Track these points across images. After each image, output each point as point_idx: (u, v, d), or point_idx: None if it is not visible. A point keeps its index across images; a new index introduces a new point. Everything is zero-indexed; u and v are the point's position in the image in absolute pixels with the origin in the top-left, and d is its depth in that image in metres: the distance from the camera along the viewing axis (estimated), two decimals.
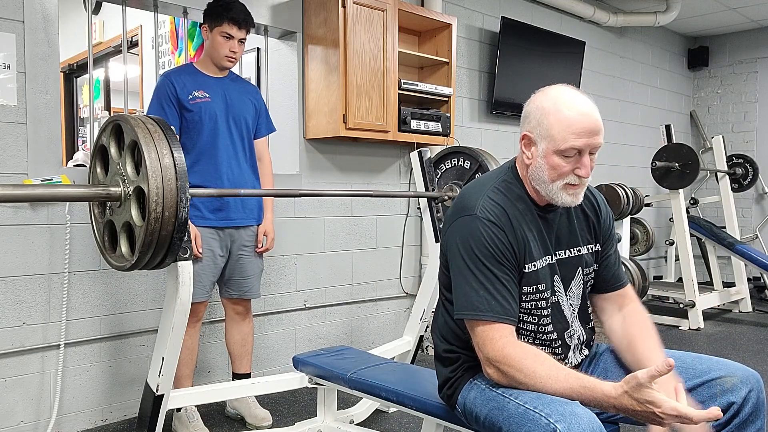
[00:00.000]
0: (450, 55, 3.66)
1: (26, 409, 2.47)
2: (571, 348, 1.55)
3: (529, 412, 1.28)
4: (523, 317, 1.48)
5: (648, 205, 4.96)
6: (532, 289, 1.47)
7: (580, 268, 1.56)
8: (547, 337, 1.51)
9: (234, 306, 2.67)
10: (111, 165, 1.65)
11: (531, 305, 1.48)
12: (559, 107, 1.40)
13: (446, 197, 2.62)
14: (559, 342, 1.52)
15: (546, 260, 1.49)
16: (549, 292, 1.49)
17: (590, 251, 1.59)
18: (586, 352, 1.60)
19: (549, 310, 1.50)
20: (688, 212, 4.86)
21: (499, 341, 1.36)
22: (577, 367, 1.56)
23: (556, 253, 1.52)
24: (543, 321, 1.50)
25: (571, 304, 1.55)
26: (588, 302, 1.60)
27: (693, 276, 4.53)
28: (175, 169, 1.52)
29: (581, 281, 1.57)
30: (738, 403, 1.36)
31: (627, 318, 1.58)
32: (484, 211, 1.43)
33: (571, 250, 1.55)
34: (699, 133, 6.46)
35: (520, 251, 1.44)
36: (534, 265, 1.46)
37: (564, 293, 1.53)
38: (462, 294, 1.41)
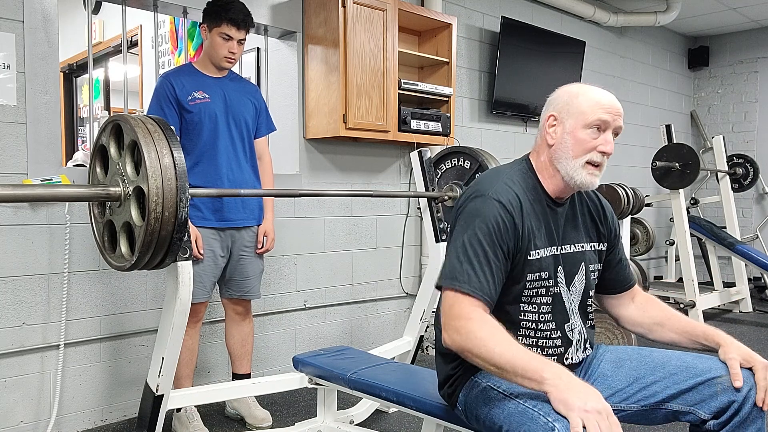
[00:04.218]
0: (450, 55, 3.66)
1: (26, 409, 2.47)
2: (573, 343, 1.55)
3: (528, 411, 1.28)
4: (523, 307, 1.49)
5: (648, 205, 4.96)
6: (535, 277, 1.48)
7: (583, 263, 1.57)
8: (546, 326, 1.51)
9: (234, 306, 2.66)
10: (111, 165, 1.65)
11: (532, 292, 1.49)
12: (587, 91, 1.50)
13: (446, 197, 2.62)
14: (559, 334, 1.53)
15: (551, 251, 1.51)
16: (551, 281, 1.50)
17: (593, 249, 1.61)
18: (588, 351, 1.60)
19: (549, 299, 1.51)
20: (688, 212, 4.86)
21: (466, 308, 1.35)
22: (577, 365, 1.56)
23: (562, 247, 1.54)
24: (543, 309, 1.50)
25: (572, 300, 1.56)
26: (588, 300, 1.61)
27: (693, 276, 4.52)
28: (175, 169, 1.52)
29: (584, 277, 1.58)
30: (738, 401, 1.36)
31: (643, 304, 1.68)
32: (497, 193, 1.46)
33: (576, 245, 1.57)
34: (699, 133, 6.46)
35: (525, 238, 1.45)
36: (538, 253, 1.48)
37: (566, 286, 1.54)
38: (448, 263, 1.43)
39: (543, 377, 1.21)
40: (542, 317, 1.51)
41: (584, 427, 1.14)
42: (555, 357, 1.52)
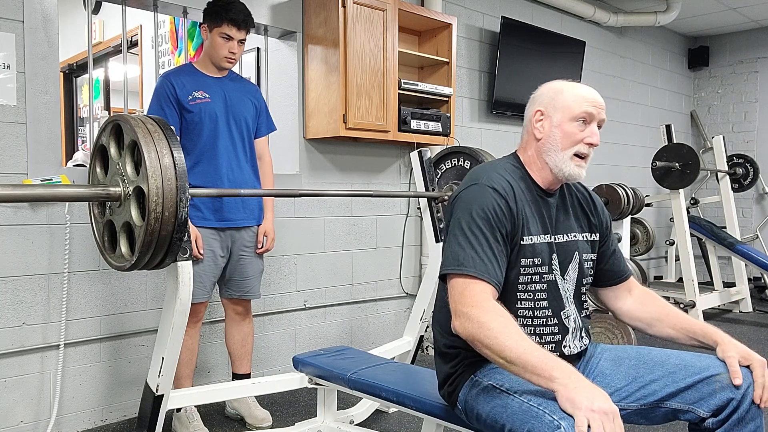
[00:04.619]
0: (450, 54, 3.66)
1: (26, 409, 2.47)
2: (570, 331, 1.55)
3: (533, 409, 1.28)
4: (519, 295, 1.51)
5: (648, 205, 4.95)
6: (529, 262, 1.50)
7: (576, 252, 1.59)
8: (543, 314, 1.52)
9: (234, 306, 2.66)
10: (111, 165, 1.65)
11: (527, 279, 1.50)
12: (570, 87, 1.56)
13: (446, 197, 2.62)
14: (555, 321, 1.54)
15: (544, 238, 1.53)
16: (546, 268, 1.52)
17: (586, 239, 1.64)
18: (586, 341, 1.60)
19: (545, 285, 1.52)
20: (688, 212, 4.86)
21: (477, 294, 1.37)
22: (576, 357, 1.57)
23: (555, 237, 1.56)
24: (538, 296, 1.51)
25: (567, 288, 1.57)
26: (582, 289, 1.62)
27: (693, 276, 4.52)
28: (175, 169, 1.52)
29: (578, 266, 1.59)
30: (737, 399, 1.37)
31: (642, 298, 1.71)
32: (490, 180, 1.50)
33: (568, 234, 1.60)
34: (699, 133, 6.45)
35: (518, 223, 1.49)
36: (531, 239, 1.50)
37: (561, 274, 1.55)
38: (450, 251, 1.45)
39: (552, 375, 1.22)
40: (538, 304, 1.52)
41: (589, 427, 1.14)
42: (553, 345, 1.53)
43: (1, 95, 2.35)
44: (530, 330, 1.51)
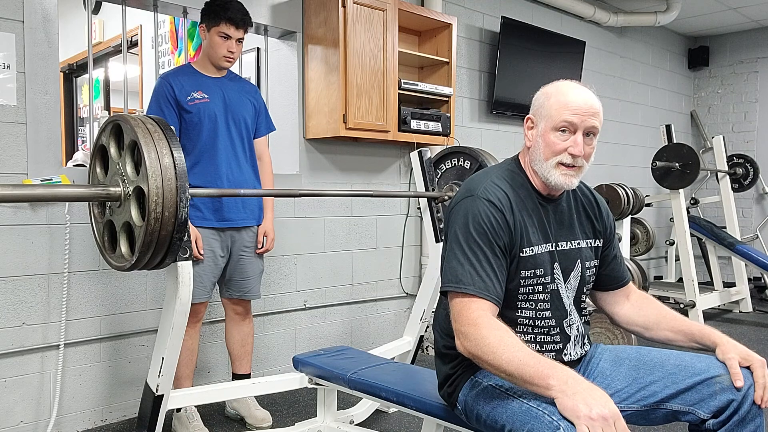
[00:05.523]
0: (450, 54, 3.66)
1: (26, 409, 2.47)
2: (572, 339, 1.55)
3: (532, 410, 1.28)
4: (520, 305, 1.50)
5: (648, 205, 4.96)
6: (530, 274, 1.48)
7: (579, 260, 1.58)
8: (545, 323, 1.51)
9: (234, 306, 2.66)
10: (111, 165, 1.65)
11: (528, 289, 1.49)
12: (560, 90, 1.51)
13: (446, 197, 2.62)
14: (558, 330, 1.53)
15: (546, 247, 1.52)
16: (548, 278, 1.51)
17: (590, 246, 1.62)
18: (587, 347, 1.60)
19: (547, 295, 1.51)
20: (688, 212, 4.86)
21: (474, 312, 1.37)
22: (576, 362, 1.57)
23: (557, 243, 1.55)
24: (540, 306, 1.51)
25: (568, 296, 1.56)
26: (582, 296, 1.62)
27: (693, 276, 4.52)
28: (175, 169, 1.52)
29: (579, 273, 1.58)
30: (737, 400, 1.36)
31: (639, 302, 1.68)
32: (486, 192, 1.48)
33: (572, 242, 1.58)
34: (699, 133, 6.46)
35: (517, 235, 1.47)
36: (532, 250, 1.49)
37: (563, 283, 1.54)
38: (449, 267, 1.44)
39: (549, 384, 1.22)
40: (540, 314, 1.51)
41: None
42: (554, 353, 1.52)
43: (1, 95, 2.35)
44: (531, 338, 1.51)
